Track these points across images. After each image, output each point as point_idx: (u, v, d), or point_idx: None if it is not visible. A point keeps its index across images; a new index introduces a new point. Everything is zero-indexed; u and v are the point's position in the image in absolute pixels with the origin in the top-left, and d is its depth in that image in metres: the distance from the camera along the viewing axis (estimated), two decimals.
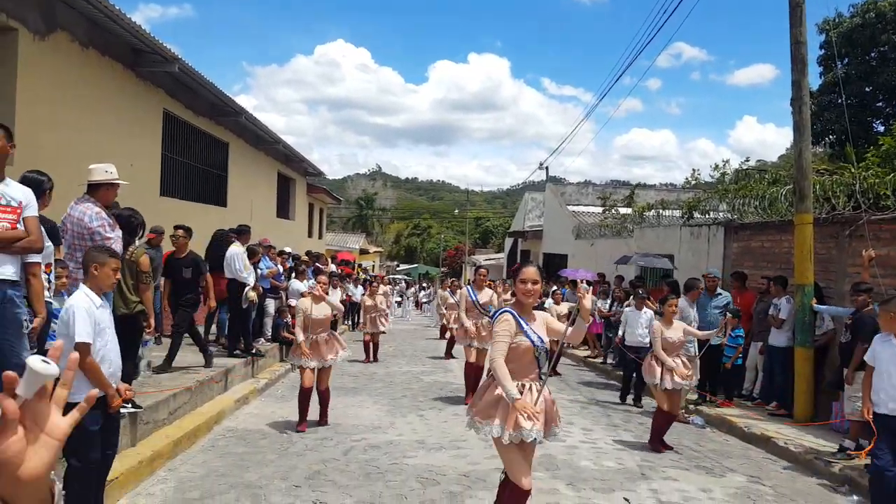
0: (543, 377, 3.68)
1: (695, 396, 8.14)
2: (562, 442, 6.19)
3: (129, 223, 5.18)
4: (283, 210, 20.83)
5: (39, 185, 4.35)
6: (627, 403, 8.74)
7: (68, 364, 1.87)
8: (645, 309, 9.13)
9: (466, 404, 7.87)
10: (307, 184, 23.90)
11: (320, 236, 28.85)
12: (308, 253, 16.22)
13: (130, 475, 4.79)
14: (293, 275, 12.06)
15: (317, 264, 15.26)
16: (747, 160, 13.42)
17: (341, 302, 10.05)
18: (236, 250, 8.67)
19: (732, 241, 9.83)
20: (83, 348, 3.37)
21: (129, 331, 4.78)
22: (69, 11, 7.83)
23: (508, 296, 14.09)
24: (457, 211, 69.22)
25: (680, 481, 5.38)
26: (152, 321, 5.34)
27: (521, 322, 3.65)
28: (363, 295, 14.83)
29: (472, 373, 8.21)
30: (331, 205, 32.25)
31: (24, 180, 4.25)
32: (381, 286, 14.90)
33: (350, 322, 18.28)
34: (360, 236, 52.36)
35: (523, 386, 3.59)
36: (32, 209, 3.87)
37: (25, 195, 3.86)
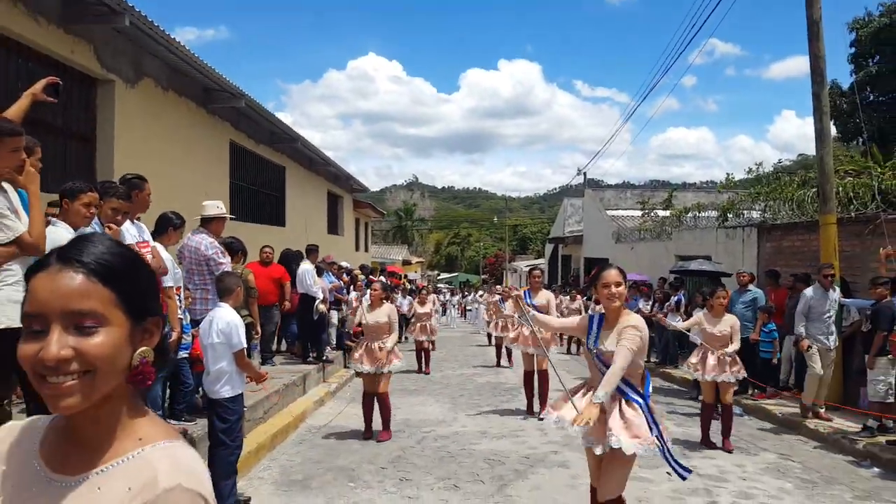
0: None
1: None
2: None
3: (232, 248, 6.12)
4: (333, 226, 21.91)
5: (168, 221, 5.31)
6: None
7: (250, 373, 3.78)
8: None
9: (528, 412, 7.86)
10: (353, 200, 25.00)
11: (366, 249, 29.95)
12: (362, 267, 17.18)
13: (242, 463, 5.64)
14: (352, 287, 13.03)
15: (370, 277, 16.26)
16: (780, 162, 13.83)
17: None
18: (307, 267, 9.62)
19: (765, 242, 10.39)
20: (243, 352, 4.46)
21: None
22: (154, 61, 8.90)
23: (576, 303, 14.45)
24: (496, 219, 69.85)
25: (716, 459, 6.06)
26: (259, 328, 6.28)
27: (591, 327, 3.65)
28: (411, 304, 15.62)
29: (530, 380, 8.07)
30: (374, 218, 33.38)
31: (160, 218, 5.22)
32: (431, 294, 15.65)
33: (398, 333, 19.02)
34: (401, 247, 53.50)
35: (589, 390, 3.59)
36: (151, 240, 4.83)
37: (146, 230, 4.84)
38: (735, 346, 6.60)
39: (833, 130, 16.88)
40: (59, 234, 3.77)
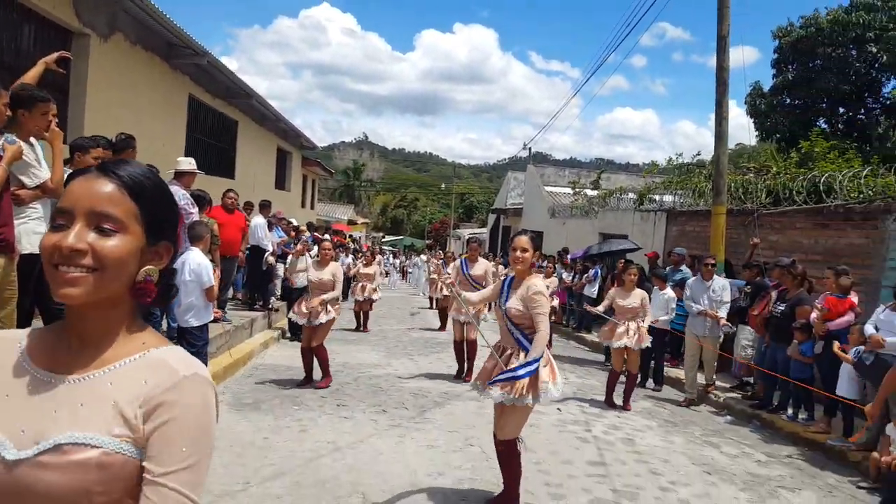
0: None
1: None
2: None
3: (201, 200, 6.89)
4: (281, 182, 22.30)
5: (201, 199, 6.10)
6: (647, 386, 8.63)
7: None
8: (668, 290, 8.60)
9: (466, 381, 7.62)
10: (302, 156, 25.38)
11: (312, 206, 30.37)
12: (308, 225, 17.84)
13: None
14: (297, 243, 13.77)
15: (315, 234, 16.98)
16: (699, 154, 15.30)
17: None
18: (260, 221, 10.37)
19: (672, 226, 11.75)
20: (213, 288, 5.28)
21: None
22: (125, 17, 9.34)
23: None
24: (443, 185, 70.70)
25: (601, 404, 7.28)
26: (219, 273, 7.09)
27: (503, 289, 4.10)
28: (354, 263, 16.32)
29: (460, 348, 8.10)
30: (322, 176, 33.74)
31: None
32: (377, 256, 16.34)
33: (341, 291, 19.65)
34: (347, 207, 53.76)
35: (509, 354, 3.98)
36: None
37: None
38: (649, 318, 7.42)
39: (752, 128, 18.51)
40: None
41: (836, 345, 6.31)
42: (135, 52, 9.94)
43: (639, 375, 7.77)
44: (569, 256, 14.87)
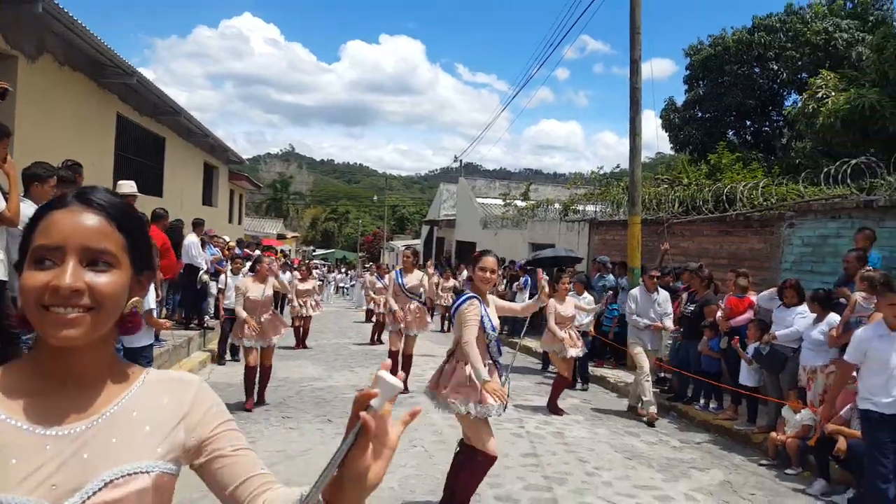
0: (502, 360, 4.20)
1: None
2: None
3: None
4: (208, 198, 21.94)
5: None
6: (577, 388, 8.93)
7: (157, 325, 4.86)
8: (585, 294, 9.09)
9: None
10: (229, 171, 25.03)
11: (240, 222, 29.93)
12: (239, 241, 17.74)
13: None
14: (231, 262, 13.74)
15: (245, 250, 16.91)
16: (618, 167, 16.37)
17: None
18: (193, 240, 10.40)
19: (595, 235, 12.52)
20: (151, 312, 5.41)
21: None
22: (54, 38, 9.26)
23: (450, 282, 15.38)
24: (375, 197, 70.69)
25: (533, 403, 7.79)
26: (160, 292, 7.19)
27: (483, 308, 3.98)
28: (290, 280, 16.18)
29: (395, 360, 7.90)
30: (250, 190, 33.28)
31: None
32: (313, 271, 16.23)
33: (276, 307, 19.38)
34: (276, 221, 53.01)
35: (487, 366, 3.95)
36: None
37: None
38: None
39: (666, 139, 19.81)
40: (28, 210, 4.26)
41: (735, 340, 7.03)
42: (63, 72, 9.85)
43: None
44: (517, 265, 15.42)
